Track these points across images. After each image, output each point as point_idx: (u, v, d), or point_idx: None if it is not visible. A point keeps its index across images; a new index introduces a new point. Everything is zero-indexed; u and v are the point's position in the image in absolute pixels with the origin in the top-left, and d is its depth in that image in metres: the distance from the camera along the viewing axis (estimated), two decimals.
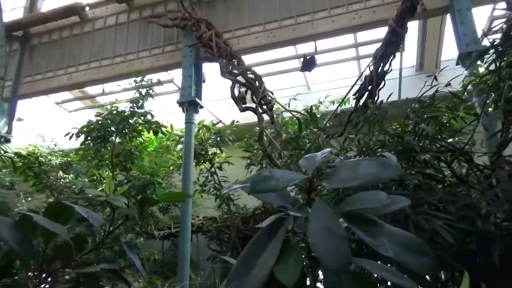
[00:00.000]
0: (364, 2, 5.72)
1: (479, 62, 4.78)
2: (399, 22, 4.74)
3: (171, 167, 7.10)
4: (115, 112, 5.38)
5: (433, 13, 5.31)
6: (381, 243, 0.89)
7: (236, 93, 5.63)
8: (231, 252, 6.21)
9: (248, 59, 6.32)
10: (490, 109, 3.16)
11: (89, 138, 5.21)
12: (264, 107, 5.11)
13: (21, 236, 1.28)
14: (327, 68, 8.86)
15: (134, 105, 5.55)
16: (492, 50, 2.97)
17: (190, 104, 5.81)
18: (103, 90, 7.12)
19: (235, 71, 5.45)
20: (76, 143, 8.79)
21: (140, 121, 5.30)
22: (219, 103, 10.55)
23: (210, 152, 7.12)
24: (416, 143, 2.64)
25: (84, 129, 5.80)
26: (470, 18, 4.76)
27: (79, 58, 7.44)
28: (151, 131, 5.38)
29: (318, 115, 6.84)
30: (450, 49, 8.07)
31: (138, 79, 5.77)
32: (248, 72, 5.41)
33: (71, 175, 6.40)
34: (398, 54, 5.30)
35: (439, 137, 3.02)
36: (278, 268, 0.85)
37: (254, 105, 5.37)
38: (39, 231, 1.41)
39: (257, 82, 5.28)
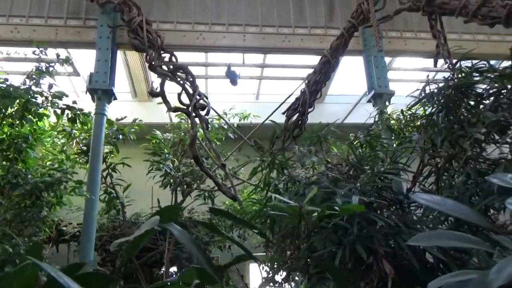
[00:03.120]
0: (292, 28, 6.06)
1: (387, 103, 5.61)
2: (333, 54, 5.21)
3: (49, 163, 5.89)
4: (3, 86, 4.15)
5: (351, 53, 6.00)
6: None
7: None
8: (125, 266, 5.47)
9: None
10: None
11: None
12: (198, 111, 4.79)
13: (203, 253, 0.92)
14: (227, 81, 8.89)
15: (29, 80, 4.41)
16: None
17: (104, 93, 5.01)
18: None
19: (165, 67, 4.97)
20: None
21: (47, 102, 4.21)
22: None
23: (105, 151, 6.23)
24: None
25: None
26: (384, 64, 5.58)
27: None
28: (66, 117, 4.34)
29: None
30: (333, 87, 9.24)
31: (37, 50, 4.65)
32: (180, 71, 5.01)
33: None
34: None
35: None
36: None
37: (178, 105, 5.00)
38: None
39: (190, 83, 4.94)
